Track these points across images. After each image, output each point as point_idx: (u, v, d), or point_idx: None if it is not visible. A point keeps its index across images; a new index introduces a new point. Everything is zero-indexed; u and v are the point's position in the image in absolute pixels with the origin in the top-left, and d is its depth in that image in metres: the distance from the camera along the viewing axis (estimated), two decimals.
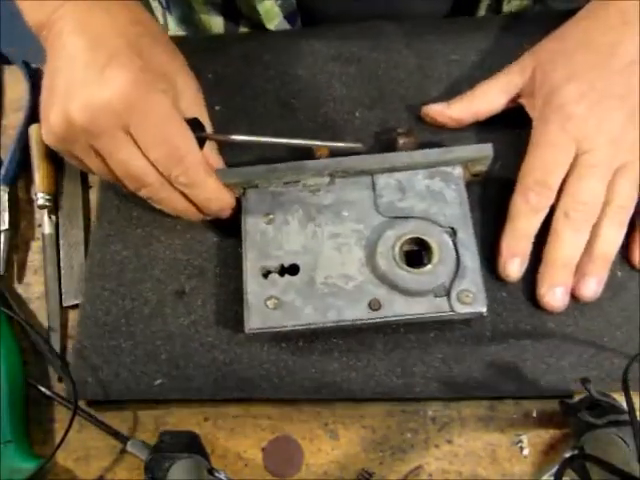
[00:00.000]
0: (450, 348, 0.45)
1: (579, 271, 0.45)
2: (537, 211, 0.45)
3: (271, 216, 0.46)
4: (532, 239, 0.45)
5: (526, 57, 0.48)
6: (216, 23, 0.63)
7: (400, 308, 0.43)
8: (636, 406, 0.41)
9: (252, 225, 0.46)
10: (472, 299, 0.42)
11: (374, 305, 0.43)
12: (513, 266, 0.45)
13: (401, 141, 0.48)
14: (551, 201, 0.44)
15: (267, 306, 0.43)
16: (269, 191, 0.47)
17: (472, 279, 0.43)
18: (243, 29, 0.63)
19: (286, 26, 0.59)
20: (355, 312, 0.43)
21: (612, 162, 0.44)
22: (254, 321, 0.43)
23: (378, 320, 0.43)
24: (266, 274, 0.45)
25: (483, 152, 0.45)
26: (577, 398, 0.42)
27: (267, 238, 0.46)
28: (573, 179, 0.44)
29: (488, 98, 0.48)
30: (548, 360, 0.44)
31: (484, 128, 0.50)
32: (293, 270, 0.45)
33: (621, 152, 0.44)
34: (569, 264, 0.45)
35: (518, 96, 0.47)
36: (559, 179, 0.44)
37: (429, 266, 0.43)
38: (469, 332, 0.45)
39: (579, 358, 0.44)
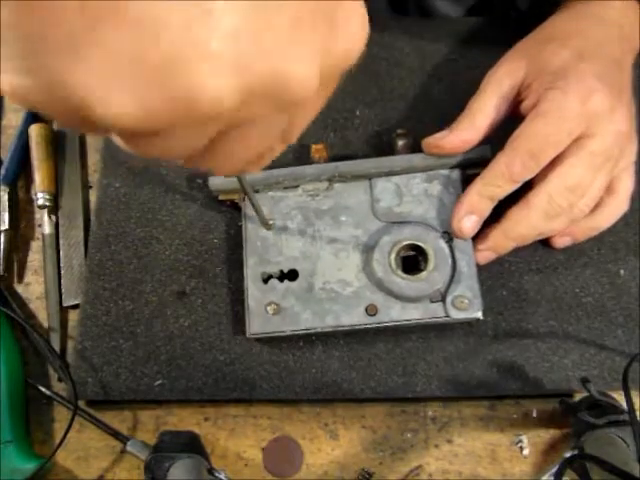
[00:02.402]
0: (452, 347, 0.45)
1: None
2: (515, 181, 0.42)
3: (271, 222, 0.46)
4: (496, 203, 0.43)
5: (509, 58, 0.45)
6: None
7: (396, 313, 0.43)
8: (636, 406, 0.41)
9: (252, 231, 0.46)
10: (467, 305, 0.42)
11: (371, 310, 0.43)
12: (468, 223, 0.43)
13: (400, 142, 0.47)
14: (532, 176, 0.42)
15: (267, 311, 0.44)
16: (269, 196, 0.47)
17: (468, 284, 0.43)
18: None
19: None
20: (352, 317, 0.43)
21: (611, 154, 0.42)
22: (255, 326, 0.44)
23: (375, 325, 0.43)
24: (266, 279, 0.45)
25: (481, 154, 0.45)
26: (577, 398, 0.42)
27: (267, 244, 0.46)
28: (568, 162, 0.41)
29: (488, 110, 0.44)
30: (550, 359, 0.44)
31: None
32: (292, 276, 0.45)
33: (621, 145, 0.42)
34: (519, 241, 0.44)
35: (517, 95, 0.45)
36: (551, 157, 0.41)
37: (424, 272, 0.43)
38: (471, 331, 0.45)
39: (581, 357, 0.44)
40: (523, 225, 0.43)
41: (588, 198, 0.42)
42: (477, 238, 0.44)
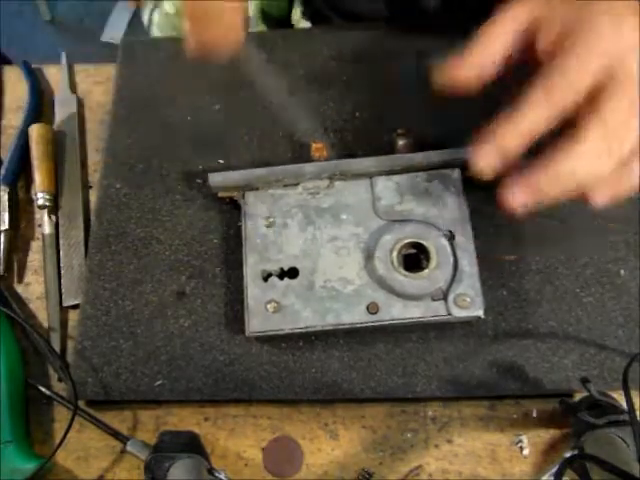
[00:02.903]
0: (452, 347, 0.45)
1: None
2: (555, 107, 0.35)
3: (271, 219, 0.46)
4: (529, 141, 0.36)
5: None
6: None
7: (398, 312, 0.43)
8: (636, 406, 0.41)
9: (252, 228, 0.46)
10: (469, 303, 0.42)
11: (372, 309, 0.43)
12: (488, 158, 0.37)
13: (400, 142, 0.47)
14: (572, 107, 0.36)
15: (267, 310, 0.44)
16: (269, 194, 0.47)
17: (469, 283, 0.43)
18: None
19: None
20: (353, 316, 0.43)
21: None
22: (254, 324, 0.44)
23: (376, 324, 0.43)
24: (266, 277, 0.45)
25: None
26: (577, 398, 0.42)
27: (267, 242, 0.46)
28: (614, 97, 0.35)
29: (498, 37, 0.39)
30: (550, 359, 0.44)
31: None
32: (293, 273, 0.45)
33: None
34: (564, 183, 0.36)
35: (536, 31, 0.39)
36: (588, 85, 0.35)
37: (426, 270, 0.43)
38: (471, 331, 0.45)
39: (581, 357, 0.44)
40: (571, 163, 0.36)
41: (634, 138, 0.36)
42: (509, 182, 0.37)
